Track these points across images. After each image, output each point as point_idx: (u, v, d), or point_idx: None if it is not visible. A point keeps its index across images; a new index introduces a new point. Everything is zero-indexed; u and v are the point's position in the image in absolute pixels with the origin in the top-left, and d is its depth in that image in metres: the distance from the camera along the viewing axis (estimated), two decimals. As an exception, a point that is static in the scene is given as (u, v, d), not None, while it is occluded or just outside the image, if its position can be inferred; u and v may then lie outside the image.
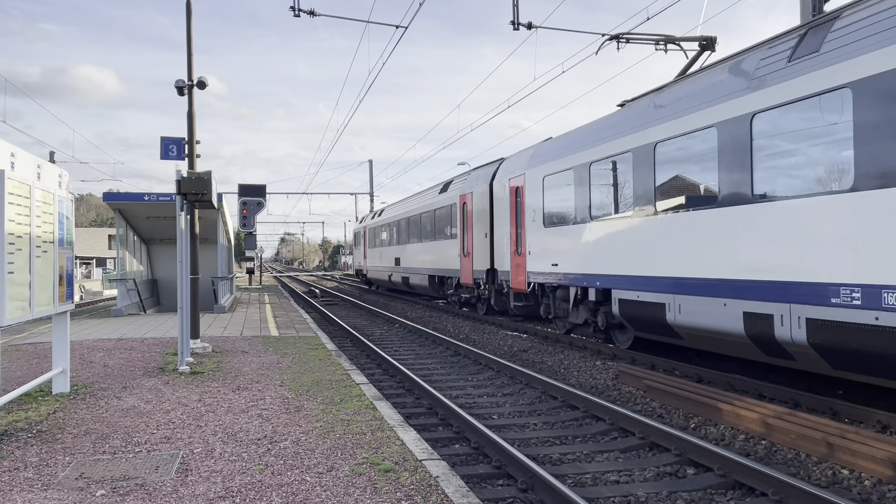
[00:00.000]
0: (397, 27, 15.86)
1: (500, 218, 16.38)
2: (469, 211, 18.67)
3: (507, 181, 15.87)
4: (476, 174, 19.25)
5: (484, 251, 17.44)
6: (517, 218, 15.20)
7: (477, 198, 18.11)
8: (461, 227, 19.35)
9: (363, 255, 37.82)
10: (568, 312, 13.12)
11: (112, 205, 19.08)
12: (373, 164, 61.08)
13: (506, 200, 15.91)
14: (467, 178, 19.95)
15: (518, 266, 15.07)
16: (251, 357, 10.72)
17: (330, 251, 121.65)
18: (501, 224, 16.26)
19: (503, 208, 16.15)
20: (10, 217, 5.93)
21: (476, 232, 18.00)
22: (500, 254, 16.33)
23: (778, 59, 7.81)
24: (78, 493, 4.56)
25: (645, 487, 5.45)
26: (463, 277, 19.34)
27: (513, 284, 15.53)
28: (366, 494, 4.47)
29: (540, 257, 13.84)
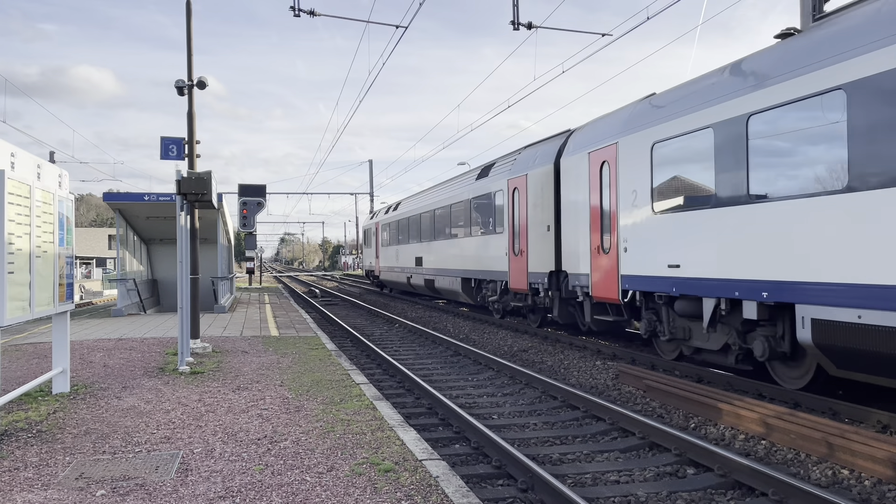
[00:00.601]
0: (397, 27, 15.86)
1: (573, 205, 12.58)
2: (522, 198, 14.96)
3: (585, 156, 12.10)
4: (530, 153, 15.32)
5: (545, 249, 13.90)
6: (603, 203, 11.47)
7: (535, 181, 14.31)
8: (510, 219, 15.62)
9: (375, 255, 33.59)
10: (690, 333, 9.65)
11: (112, 205, 19.08)
12: (373, 164, 61.11)
13: (582, 181, 12.16)
14: (517, 157, 16.00)
15: (604, 267, 11.39)
16: (251, 357, 10.72)
17: (330, 251, 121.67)
18: (575, 213, 12.48)
19: (578, 192, 12.32)
20: (10, 217, 5.94)
21: (533, 224, 14.36)
22: (572, 252, 12.61)
23: None
24: (78, 493, 4.56)
25: (645, 487, 5.45)
26: (512, 281, 15.51)
27: (594, 292, 11.74)
28: (366, 494, 4.47)
29: (644, 255, 10.17)
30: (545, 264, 13.92)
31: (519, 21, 14.92)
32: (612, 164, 11.18)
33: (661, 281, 9.80)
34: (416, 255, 24.95)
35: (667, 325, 10.04)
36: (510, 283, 15.70)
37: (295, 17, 15.66)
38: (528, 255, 14.65)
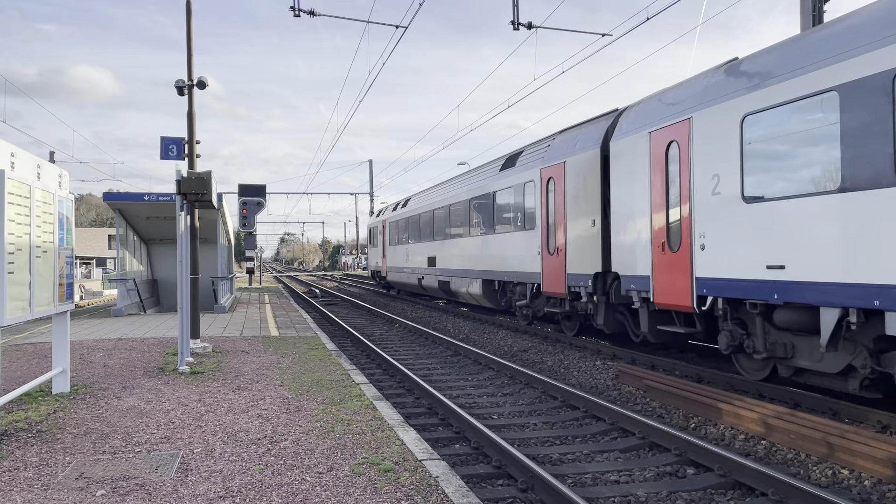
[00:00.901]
0: (397, 27, 15.86)
1: (627, 195, 10.65)
2: (559, 190, 13.11)
3: (644, 137, 10.18)
4: (568, 137, 13.41)
5: (588, 247, 12.06)
6: (670, 191, 9.61)
7: (575, 169, 12.48)
8: (543, 213, 13.80)
9: (381, 255, 31.51)
10: (794, 351, 7.89)
11: (112, 205, 19.08)
12: (373, 163, 61.13)
13: (641, 166, 10.26)
14: (551, 144, 14.13)
15: (671, 269, 9.50)
16: (251, 357, 10.72)
17: (330, 251, 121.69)
18: (630, 204, 10.57)
19: (635, 179, 10.42)
20: (10, 217, 5.94)
21: (573, 219, 12.57)
22: (626, 250, 10.69)
23: None
24: (78, 493, 4.56)
25: (645, 487, 5.45)
26: (546, 284, 13.69)
27: (657, 298, 9.81)
28: (366, 494, 4.47)
29: (731, 253, 8.34)
30: (588, 265, 12.04)
31: (519, 21, 14.92)
32: (683, 143, 9.30)
33: (755, 285, 7.91)
34: (429, 255, 22.88)
35: (761, 339, 8.14)
36: (543, 285, 13.82)
37: (295, 17, 15.67)
38: (566, 254, 12.80)
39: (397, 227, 28.33)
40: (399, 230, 27.92)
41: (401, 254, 27.55)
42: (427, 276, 23.33)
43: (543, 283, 13.87)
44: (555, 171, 13.38)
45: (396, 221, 28.45)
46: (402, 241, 27.35)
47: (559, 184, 13.18)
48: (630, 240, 10.64)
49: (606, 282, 11.77)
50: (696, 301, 9.02)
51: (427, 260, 23.18)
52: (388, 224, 30.24)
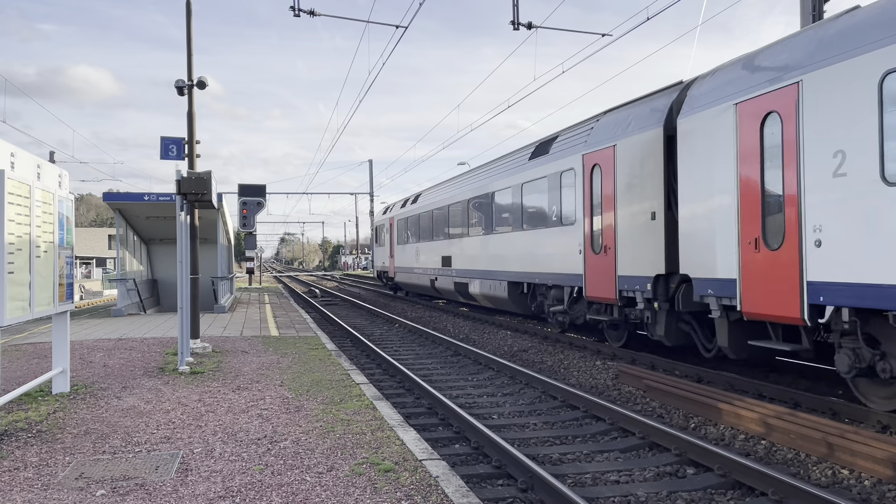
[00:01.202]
0: (397, 27, 15.87)
1: (704, 181, 8.89)
2: (607, 178, 11.30)
3: (728, 109, 8.41)
4: (618, 117, 11.48)
5: (646, 244, 10.22)
6: (767, 175, 7.91)
7: (629, 153, 10.67)
8: (586, 205, 12.03)
9: (388, 254, 29.69)
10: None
11: (112, 205, 19.09)
12: (373, 163, 61.13)
13: (723, 145, 8.50)
14: (595, 126, 12.24)
15: (768, 270, 7.79)
16: (251, 357, 10.72)
17: (330, 251, 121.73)
18: (708, 192, 8.82)
19: (715, 162, 8.66)
20: (10, 217, 5.94)
21: (626, 212, 10.76)
22: (702, 247, 8.92)
23: None
24: (78, 493, 4.56)
25: (645, 487, 5.45)
26: (590, 287, 11.87)
27: (748, 306, 8.05)
28: (366, 494, 4.47)
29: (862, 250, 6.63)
30: (647, 265, 10.18)
31: (519, 21, 14.93)
32: (787, 114, 7.55)
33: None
34: (443, 255, 21.14)
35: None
36: (586, 289, 11.98)
37: (295, 17, 15.67)
38: (616, 252, 10.95)
39: (407, 224, 26.36)
40: (409, 228, 26.03)
41: (410, 253, 25.71)
42: (441, 277, 21.54)
43: (586, 286, 11.99)
44: (601, 157, 11.51)
45: (406, 219, 26.52)
46: (412, 240, 25.52)
47: (607, 171, 11.32)
48: (706, 235, 8.84)
49: (669, 285, 9.86)
50: (806, 311, 7.18)
51: (441, 260, 21.42)
52: (396, 222, 28.39)
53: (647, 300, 10.30)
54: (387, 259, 30.28)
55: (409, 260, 25.92)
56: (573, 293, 12.85)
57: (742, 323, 8.59)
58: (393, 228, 28.97)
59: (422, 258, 23.99)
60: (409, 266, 26.07)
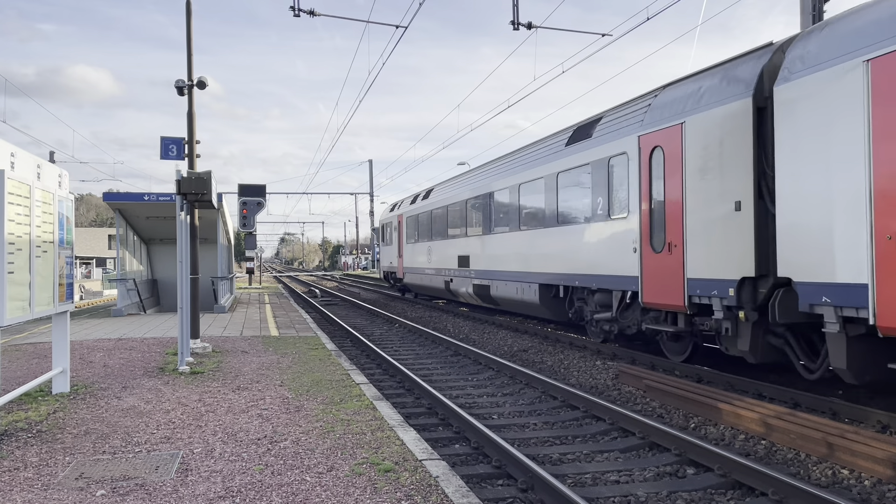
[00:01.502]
0: (397, 27, 15.87)
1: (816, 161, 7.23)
2: (673, 162, 9.54)
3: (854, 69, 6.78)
4: (685, 90, 9.70)
5: (730, 240, 8.45)
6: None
7: (703, 131, 8.96)
8: (644, 195, 10.25)
9: (396, 254, 27.76)
10: None
11: (112, 205, 19.09)
12: (373, 163, 61.16)
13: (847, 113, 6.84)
14: (653, 102, 10.47)
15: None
16: (251, 357, 10.72)
17: (330, 251, 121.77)
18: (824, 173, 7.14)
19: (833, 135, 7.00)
20: (10, 217, 5.94)
21: (700, 201, 9.00)
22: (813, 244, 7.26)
23: None
24: (78, 493, 4.56)
25: (645, 487, 5.45)
26: (649, 292, 10.08)
27: (885, 320, 6.42)
28: (366, 494, 4.47)
29: None
30: (728, 266, 8.47)
31: (519, 21, 14.95)
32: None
33: None
34: (460, 254, 19.41)
35: None
36: (643, 294, 10.18)
37: (295, 17, 15.68)
38: (685, 251, 9.22)
39: (417, 222, 24.38)
40: (420, 226, 24.03)
41: (421, 253, 23.76)
42: (458, 278, 19.72)
43: (643, 290, 10.18)
44: (664, 138, 9.77)
45: (416, 216, 24.52)
46: (423, 239, 23.58)
47: (672, 154, 9.57)
48: (819, 229, 7.17)
49: (758, 290, 8.18)
50: None
51: (457, 260, 19.66)
52: (405, 219, 26.27)
53: (727, 308, 8.56)
54: (394, 259, 28.35)
55: (421, 260, 23.96)
56: (624, 298, 11.04)
57: (869, 340, 6.87)
58: (402, 226, 26.84)
59: (435, 258, 22.07)
60: (419, 266, 24.13)
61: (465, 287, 19.03)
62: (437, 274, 21.92)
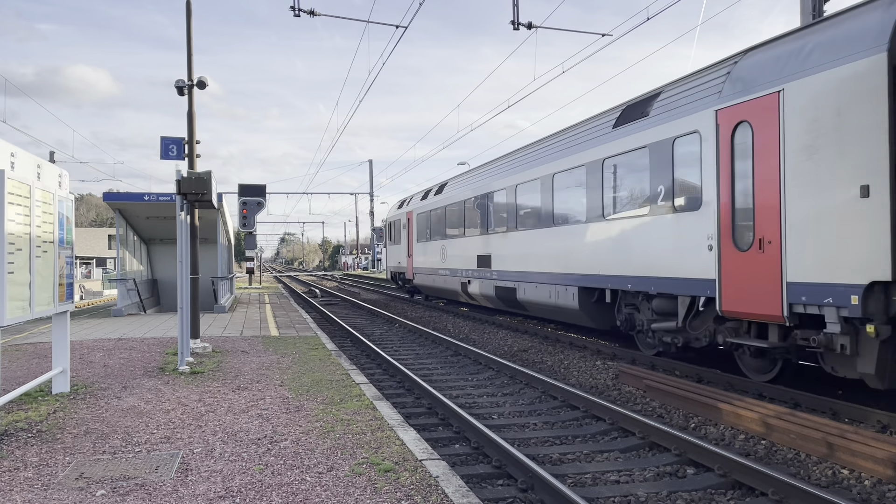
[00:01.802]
0: (397, 27, 15.87)
1: None
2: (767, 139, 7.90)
3: None
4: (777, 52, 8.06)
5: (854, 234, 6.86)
6: None
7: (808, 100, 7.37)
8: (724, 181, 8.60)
9: (405, 253, 26.09)
10: None
11: (112, 205, 19.09)
12: (373, 163, 61.18)
13: None
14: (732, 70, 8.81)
15: None
16: (251, 357, 10.72)
17: (330, 251, 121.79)
18: None
19: None
20: (10, 217, 5.94)
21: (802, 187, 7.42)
22: None
23: None
24: (78, 493, 4.56)
25: (645, 487, 5.45)
26: (730, 298, 8.41)
27: None
28: (366, 494, 4.47)
29: None
30: (850, 267, 6.82)
31: (519, 21, 14.95)
32: None
33: None
34: (480, 253, 17.61)
35: None
36: (722, 300, 8.49)
37: (295, 17, 15.68)
38: (783, 248, 7.58)
39: (429, 219, 22.47)
40: (432, 222, 22.13)
41: (434, 252, 21.85)
42: (477, 279, 17.84)
43: (721, 295, 8.50)
44: (753, 110, 8.10)
45: (428, 213, 22.65)
46: (436, 237, 21.63)
47: (766, 129, 7.88)
48: None
49: (891, 299, 6.59)
50: None
51: (476, 260, 17.88)
52: (415, 216, 24.38)
53: (845, 320, 6.92)
54: (403, 259, 26.48)
55: (433, 260, 22.04)
56: (695, 305, 9.36)
57: None
58: (412, 224, 24.94)
59: (450, 258, 20.21)
60: (432, 267, 22.25)
61: (486, 290, 17.22)
62: (452, 275, 20.03)
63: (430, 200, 22.59)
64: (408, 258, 25.63)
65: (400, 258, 27.20)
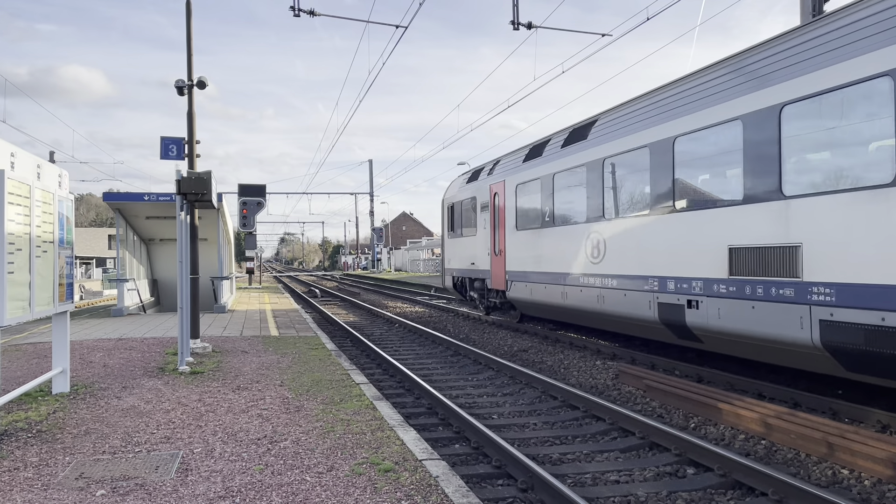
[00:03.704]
0: (397, 27, 15.88)
1: None
2: None
3: None
4: None
5: None
6: None
7: None
8: None
9: (489, 250, 16.79)
10: None
11: (112, 205, 19.10)
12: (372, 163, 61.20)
13: None
14: None
15: None
16: (251, 357, 10.72)
17: (330, 251, 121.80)
18: None
19: None
20: (10, 217, 5.94)
21: None
22: None
23: None
24: (78, 492, 4.56)
25: (645, 487, 5.45)
26: None
27: None
28: (366, 494, 4.47)
29: None
30: None
31: (519, 21, 14.96)
32: None
33: None
34: (685, 240, 9.31)
35: None
36: None
37: (294, 17, 15.70)
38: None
39: (552, 190, 13.36)
40: (554, 199, 13.30)
41: (554, 247, 13.25)
42: (712, 301, 8.68)
43: None
44: None
45: (549, 177, 13.43)
46: (567, 220, 12.77)
47: None
48: None
49: None
50: None
51: (727, 258, 8.43)
52: (513, 188, 15.17)
53: None
54: (482, 258, 17.22)
55: (550, 261, 13.43)
56: None
57: None
58: (503, 202, 15.79)
59: (609, 256, 11.26)
60: (547, 272, 13.49)
61: (700, 319, 8.84)
62: (605, 290, 11.27)
63: (552, 159, 13.38)
64: (494, 257, 16.48)
65: (474, 257, 18.03)
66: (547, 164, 13.67)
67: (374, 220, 69.23)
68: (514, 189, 15.14)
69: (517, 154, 15.81)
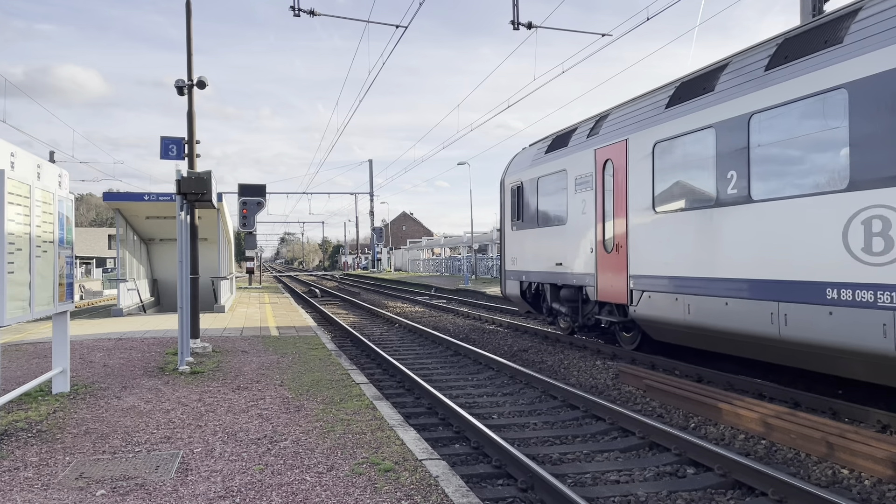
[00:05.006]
0: (397, 27, 15.88)
1: None
2: None
3: None
4: None
5: None
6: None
7: None
8: None
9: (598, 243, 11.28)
10: None
11: (112, 204, 19.11)
12: (372, 163, 61.21)
13: None
14: None
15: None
16: (251, 357, 10.71)
17: (330, 251, 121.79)
18: None
19: None
20: (10, 217, 5.94)
21: None
22: None
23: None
24: (78, 492, 4.56)
25: (645, 487, 5.45)
26: None
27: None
28: (366, 494, 4.47)
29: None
30: None
31: (519, 21, 14.96)
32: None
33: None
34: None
35: None
36: None
37: (294, 17, 15.70)
38: None
39: (737, 140, 7.95)
40: (755, 157, 7.70)
41: (751, 238, 7.80)
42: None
43: None
44: None
45: (722, 127, 8.22)
46: (776, 192, 7.43)
47: None
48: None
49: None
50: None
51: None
52: (651, 151, 9.77)
53: None
54: (579, 257, 12.04)
55: (741, 261, 7.97)
56: None
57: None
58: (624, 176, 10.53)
59: (880, 253, 6.11)
60: (734, 278, 8.08)
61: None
62: None
63: (749, 90, 7.92)
64: (600, 255, 11.34)
65: (561, 254, 12.69)
66: (729, 101, 8.24)
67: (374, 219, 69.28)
68: (651, 150, 9.78)
69: (646, 100, 10.48)
